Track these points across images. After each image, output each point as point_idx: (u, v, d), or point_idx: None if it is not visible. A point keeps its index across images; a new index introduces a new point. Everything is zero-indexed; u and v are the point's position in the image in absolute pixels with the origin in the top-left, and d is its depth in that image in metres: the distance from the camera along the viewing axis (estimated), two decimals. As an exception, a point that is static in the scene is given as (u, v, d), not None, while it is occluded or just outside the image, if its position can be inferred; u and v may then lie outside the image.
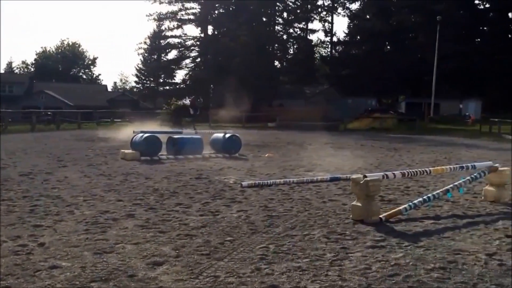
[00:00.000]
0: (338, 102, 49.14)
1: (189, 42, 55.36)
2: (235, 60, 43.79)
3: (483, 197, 7.50)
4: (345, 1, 61.10)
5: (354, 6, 61.20)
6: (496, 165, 7.49)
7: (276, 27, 57.48)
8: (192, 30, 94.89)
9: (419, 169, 6.71)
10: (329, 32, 63.19)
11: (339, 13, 62.43)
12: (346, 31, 61.66)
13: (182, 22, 53.96)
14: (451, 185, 6.94)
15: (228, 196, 7.49)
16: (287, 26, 57.51)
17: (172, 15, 53.25)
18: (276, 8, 55.57)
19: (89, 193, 7.51)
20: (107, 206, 6.55)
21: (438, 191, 6.79)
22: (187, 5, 53.38)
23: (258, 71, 44.19)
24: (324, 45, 62.98)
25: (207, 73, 48.76)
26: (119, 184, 8.47)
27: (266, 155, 13.50)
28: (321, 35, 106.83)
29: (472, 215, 6.46)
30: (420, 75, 50.05)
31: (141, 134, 12.38)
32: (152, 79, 65.73)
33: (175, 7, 53.78)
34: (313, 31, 62.81)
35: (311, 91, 57.57)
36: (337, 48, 62.95)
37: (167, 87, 62.47)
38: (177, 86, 58.71)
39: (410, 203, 6.34)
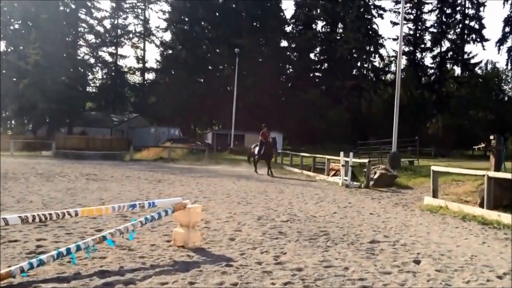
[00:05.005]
0: (143, 131, 47.39)
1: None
2: (23, 81, 39.08)
3: (173, 241, 6.20)
4: (157, 30, 60.52)
5: (166, 35, 61.03)
6: (186, 201, 6.21)
7: (81, 49, 53.86)
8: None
9: (59, 211, 4.99)
10: (141, 59, 61.79)
11: (152, 40, 61.31)
12: (159, 59, 60.76)
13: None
14: (110, 231, 5.43)
15: None
16: (94, 50, 54.17)
17: None
18: (80, 29, 52.06)
19: None
20: None
21: (89, 239, 5.20)
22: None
23: (54, 95, 39.98)
24: (133, 72, 61.40)
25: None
26: None
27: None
28: (133, 62, 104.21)
29: (131, 269, 4.95)
30: (228, 106, 51.04)
31: None
32: None
33: None
34: (124, 57, 60.62)
35: (119, 118, 54.88)
36: (147, 76, 61.72)
37: None
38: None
39: (32, 261, 4.59)
